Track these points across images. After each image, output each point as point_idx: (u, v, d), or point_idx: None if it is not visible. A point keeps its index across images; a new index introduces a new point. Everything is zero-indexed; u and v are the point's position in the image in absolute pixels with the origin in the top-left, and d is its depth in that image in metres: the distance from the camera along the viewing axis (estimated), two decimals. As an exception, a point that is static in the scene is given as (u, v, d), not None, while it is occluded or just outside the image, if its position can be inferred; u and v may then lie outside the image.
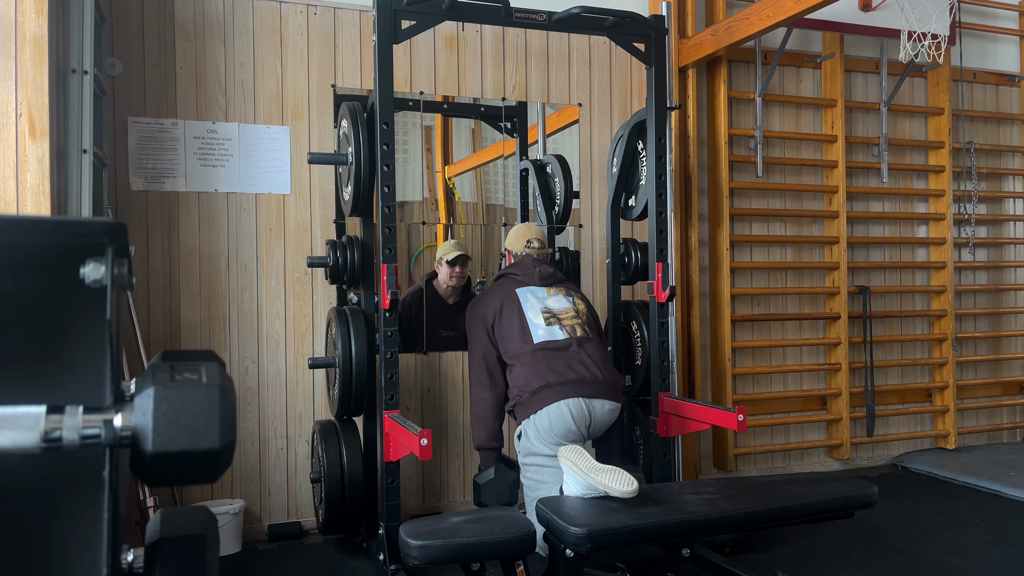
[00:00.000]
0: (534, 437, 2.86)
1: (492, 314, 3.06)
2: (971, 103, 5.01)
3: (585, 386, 2.87)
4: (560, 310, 3.06)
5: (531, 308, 3.04)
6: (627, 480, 2.27)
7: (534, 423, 2.85)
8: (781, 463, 4.49)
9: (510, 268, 3.24)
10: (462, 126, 3.88)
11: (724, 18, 4.06)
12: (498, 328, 3.03)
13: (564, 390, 2.84)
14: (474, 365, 3.08)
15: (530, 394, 2.86)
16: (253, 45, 3.54)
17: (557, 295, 3.13)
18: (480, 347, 3.06)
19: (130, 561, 0.91)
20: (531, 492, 2.89)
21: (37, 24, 2.57)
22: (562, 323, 3.02)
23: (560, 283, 3.21)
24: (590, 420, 2.87)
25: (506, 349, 3.00)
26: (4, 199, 2.55)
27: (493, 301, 3.10)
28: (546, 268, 3.20)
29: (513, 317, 3.02)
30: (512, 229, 3.38)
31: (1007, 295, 5.18)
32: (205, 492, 3.45)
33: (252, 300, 3.53)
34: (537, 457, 2.85)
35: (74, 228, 0.82)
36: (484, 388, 3.02)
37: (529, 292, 3.10)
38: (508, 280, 3.18)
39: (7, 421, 0.75)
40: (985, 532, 3.42)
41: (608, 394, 2.92)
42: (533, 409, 2.85)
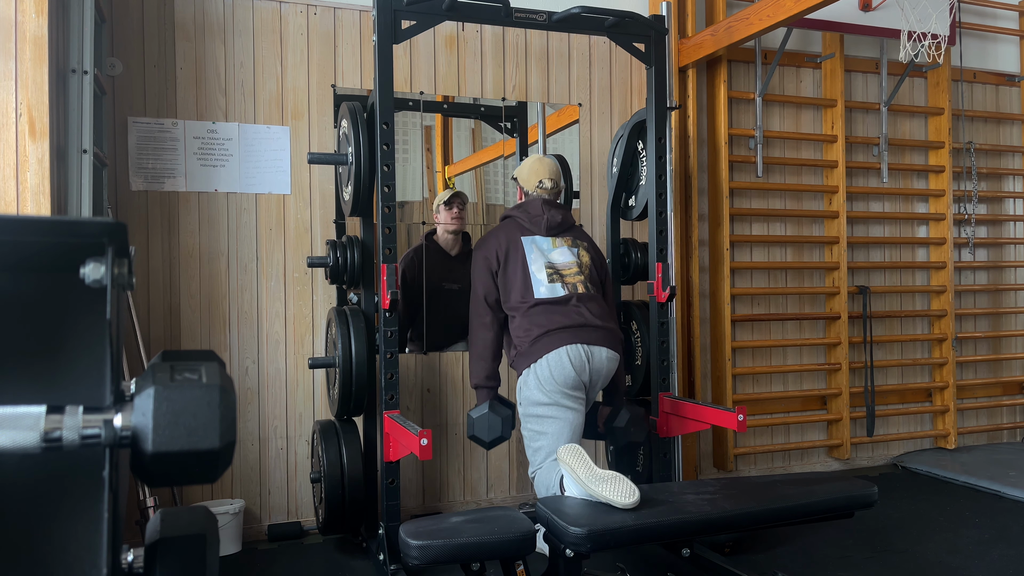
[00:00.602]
0: (534, 386, 2.86)
1: (497, 257, 3.03)
2: (971, 103, 5.01)
3: (583, 332, 2.88)
4: (563, 265, 3.04)
5: (535, 261, 3.01)
6: (628, 490, 2.24)
7: (535, 372, 2.86)
8: (781, 463, 4.49)
9: (518, 211, 3.15)
10: (462, 126, 3.88)
11: (724, 18, 4.06)
12: (502, 275, 3.02)
13: (563, 336, 2.85)
14: (476, 304, 3.06)
15: (529, 343, 2.88)
16: (253, 45, 3.54)
17: (562, 247, 3.08)
18: (483, 286, 3.03)
19: (130, 561, 0.91)
20: (532, 443, 2.89)
21: (37, 24, 2.57)
22: (564, 280, 3.00)
23: (567, 231, 3.15)
24: (589, 367, 2.88)
25: (507, 300, 3.00)
26: (4, 199, 2.55)
27: (499, 244, 3.05)
28: (554, 215, 3.12)
29: (517, 268, 3.00)
30: (526, 160, 3.27)
31: (1007, 295, 5.18)
32: (205, 492, 3.45)
33: (252, 300, 3.53)
34: (538, 407, 2.86)
35: (74, 228, 0.82)
36: (485, 327, 3.02)
37: (534, 243, 3.06)
38: (515, 225, 3.12)
39: (7, 421, 0.75)
40: (985, 532, 3.42)
41: (606, 342, 2.93)
42: (533, 358, 2.86)
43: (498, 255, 3.04)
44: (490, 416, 2.93)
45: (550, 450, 2.83)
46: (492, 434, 2.93)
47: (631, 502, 2.22)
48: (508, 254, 3.04)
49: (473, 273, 3.11)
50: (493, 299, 3.03)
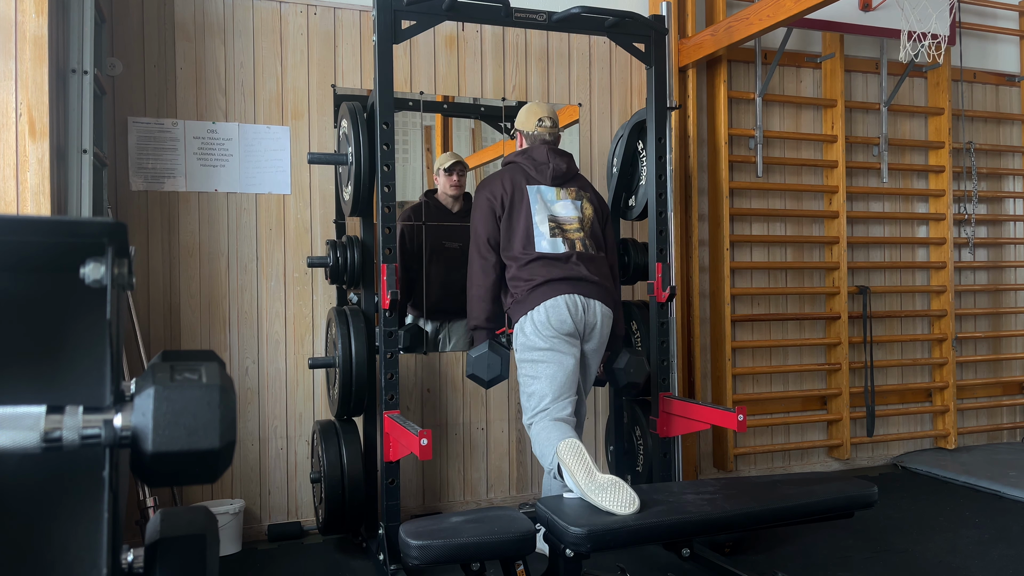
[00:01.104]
0: (531, 332, 2.87)
1: (502, 201, 3.00)
2: (971, 103, 5.01)
3: (581, 284, 2.91)
4: (566, 219, 3.02)
5: (538, 212, 2.99)
6: (628, 499, 2.24)
7: (531, 318, 2.88)
8: (781, 463, 4.49)
9: (522, 157, 3.10)
10: (462, 126, 3.88)
11: (724, 18, 4.06)
12: (505, 221, 3.00)
13: (560, 286, 2.88)
14: (477, 245, 3.02)
15: (527, 291, 2.89)
16: (253, 45, 3.54)
17: (566, 199, 3.06)
18: (485, 229, 3.01)
19: (130, 561, 0.91)
20: (526, 388, 2.89)
21: (37, 24, 2.57)
22: (566, 235, 3.00)
23: (571, 181, 3.12)
24: (584, 319, 2.90)
25: (508, 248, 2.99)
26: (4, 199, 2.55)
27: (504, 188, 3.02)
28: (559, 163, 3.08)
29: (520, 217, 2.99)
30: (522, 108, 3.26)
31: (1007, 295, 5.18)
32: (205, 492, 3.45)
33: (252, 300, 3.53)
34: (534, 351, 2.87)
35: (74, 228, 0.82)
36: (485, 270, 3.00)
37: (539, 193, 3.03)
38: (519, 170, 3.08)
39: (7, 421, 0.75)
40: (985, 532, 3.42)
41: (603, 297, 2.96)
42: (531, 305, 2.88)
43: (503, 199, 3.01)
44: (490, 355, 2.94)
45: (544, 394, 2.84)
46: (491, 373, 2.94)
47: (631, 512, 2.22)
48: (513, 201, 3.01)
49: (474, 215, 3.06)
50: (496, 241, 3.01)
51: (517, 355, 2.96)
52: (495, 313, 3.03)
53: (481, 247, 3.02)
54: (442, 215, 3.58)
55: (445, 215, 3.58)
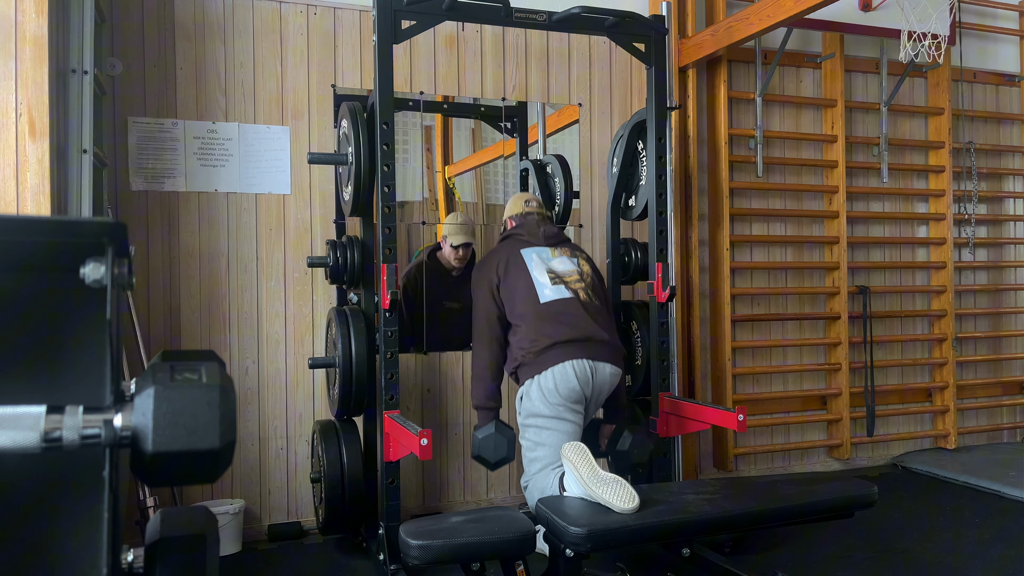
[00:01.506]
0: (537, 398, 2.85)
1: (497, 274, 3.04)
2: (971, 103, 5.01)
3: (590, 346, 2.88)
4: (565, 272, 3.05)
5: (536, 268, 3.02)
6: (628, 496, 2.24)
7: (539, 383, 2.85)
8: (781, 463, 4.49)
9: (515, 229, 3.21)
10: (462, 126, 3.88)
11: (724, 18, 4.06)
12: (503, 288, 3.02)
13: (569, 350, 2.85)
14: (477, 325, 3.06)
15: (535, 354, 2.86)
16: (253, 45, 3.54)
17: (562, 256, 3.11)
18: (484, 307, 3.04)
19: (130, 561, 0.91)
20: (529, 453, 2.89)
21: (37, 24, 2.57)
22: (567, 284, 3.01)
23: (564, 243, 3.19)
24: (592, 382, 2.88)
25: (512, 308, 2.99)
26: (4, 199, 2.55)
27: (499, 261, 3.07)
28: (550, 228, 3.19)
29: (519, 277, 3.01)
30: (509, 200, 3.38)
31: (1007, 295, 5.18)
32: (205, 492, 3.45)
33: (252, 300, 3.53)
34: (538, 418, 2.85)
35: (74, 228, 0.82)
36: (485, 348, 3.01)
37: (534, 252, 3.08)
38: (513, 240, 3.15)
39: (7, 421, 0.75)
40: (985, 532, 3.42)
41: (611, 358, 2.94)
42: (538, 369, 2.85)
43: (498, 270, 3.05)
44: (496, 436, 2.91)
45: (546, 461, 2.82)
46: (498, 455, 2.91)
47: (630, 508, 2.22)
48: (509, 266, 3.05)
49: (474, 293, 3.12)
50: (495, 317, 3.01)
51: (520, 418, 2.93)
52: (497, 391, 3.03)
53: (481, 326, 3.04)
54: (443, 276, 3.65)
55: (446, 276, 3.65)
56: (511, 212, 3.30)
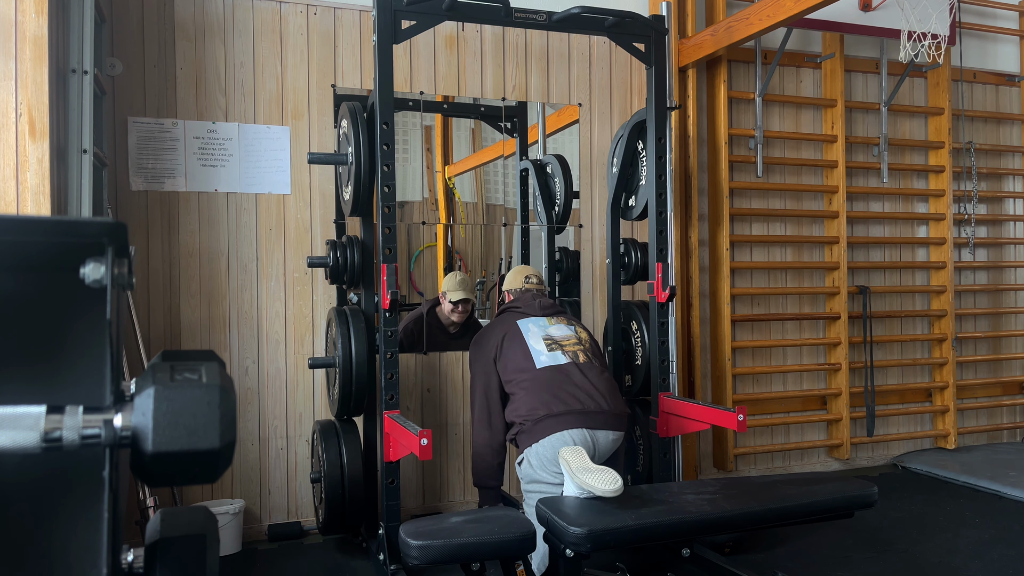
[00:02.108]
0: (536, 465, 2.80)
1: (495, 347, 3.03)
2: (971, 103, 5.01)
3: (589, 417, 2.82)
4: (562, 337, 3.05)
5: (532, 336, 3.02)
6: (611, 479, 2.28)
7: (536, 452, 2.79)
8: (781, 463, 4.49)
9: (512, 303, 3.23)
10: (462, 126, 3.88)
11: (724, 18, 4.06)
12: (500, 360, 3.00)
13: (568, 420, 2.78)
14: (476, 402, 3.05)
15: (533, 423, 2.80)
16: (253, 45, 3.54)
17: (558, 324, 3.12)
18: (482, 383, 3.02)
19: (130, 561, 0.91)
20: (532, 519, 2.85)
21: (37, 24, 2.57)
22: (564, 349, 3.00)
23: (560, 313, 3.21)
24: (594, 449, 2.83)
25: (508, 376, 2.96)
26: (4, 199, 2.55)
27: (496, 335, 3.07)
28: (546, 300, 3.22)
29: (516, 346, 3.00)
30: (509, 272, 3.39)
31: (1007, 295, 5.18)
32: (205, 492, 3.45)
33: (252, 300, 3.53)
34: (539, 484, 2.80)
35: (74, 228, 0.82)
36: (484, 426, 2.99)
37: (531, 322, 3.08)
38: (510, 313, 3.17)
39: (7, 421, 0.75)
40: (985, 532, 3.42)
41: (612, 424, 2.87)
42: (536, 438, 2.79)
43: (496, 343, 3.04)
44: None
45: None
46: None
47: (612, 489, 2.26)
48: (505, 338, 3.04)
49: (472, 368, 3.11)
50: (495, 396, 2.99)
51: (523, 484, 2.89)
52: (496, 470, 3.01)
53: (479, 404, 3.03)
54: (441, 333, 3.71)
55: (443, 333, 3.71)
56: (510, 286, 3.31)
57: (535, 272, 3.35)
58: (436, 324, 3.68)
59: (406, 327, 3.65)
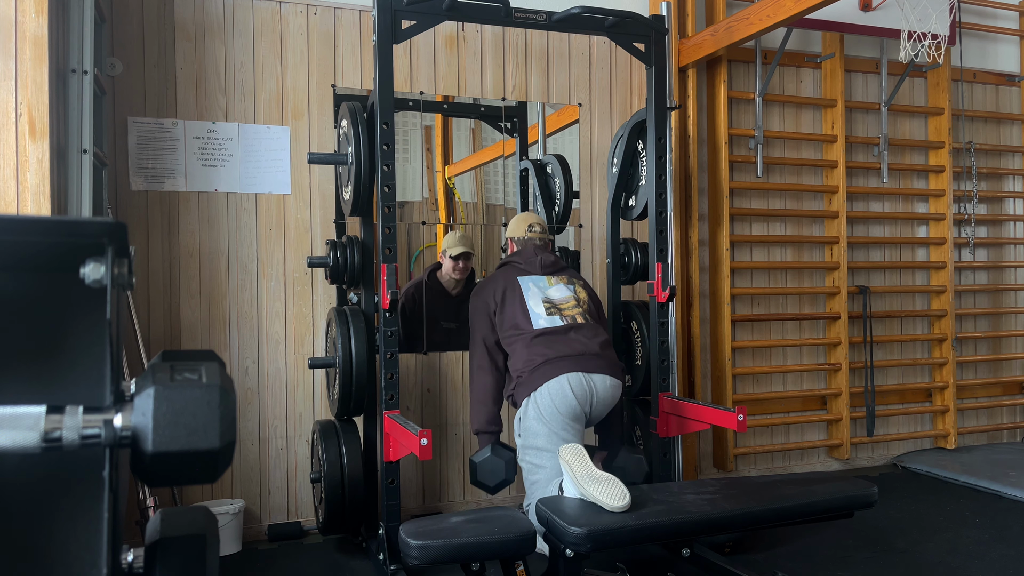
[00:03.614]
0: (534, 416, 2.84)
1: (495, 300, 3.08)
2: (971, 103, 5.01)
3: (584, 360, 2.88)
4: (561, 300, 3.08)
5: (532, 297, 3.06)
6: (619, 494, 2.24)
7: (535, 400, 2.85)
8: (781, 463, 4.49)
9: (513, 256, 3.25)
10: (462, 126, 3.88)
11: (724, 18, 4.06)
12: (499, 315, 3.05)
13: (564, 364, 2.85)
14: (475, 349, 3.09)
15: (530, 372, 2.88)
16: (253, 45, 3.54)
17: (558, 284, 3.14)
18: (481, 332, 3.07)
19: (130, 561, 0.91)
20: (530, 476, 2.89)
21: (37, 24, 2.57)
22: (562, 312, 3.04)
23: (561, 271, 3.22)
24: (591, 397, 2.87)
25: (506, 334, 3.02)
26: (4, 199, 2.55)
27: (496, 288, 3.11)
28: (548, 256, 3.22)
29: (515, 305, 3.04)
30: (513, 219, 3.40)
31: (1007, 295, 5.18)
32: (205, 492, 3.45)
33: (252, 300, 3.53)
34: (537, 438, 2.85)
35: (74, 228, 0.82)
36: (484, 372, 3.03)
37: (531, 281, 3.11)
38: (511, 268, 3.19)
39: (7, 421, 0.75)
40: (985, 532, 3.42)
41: (608, 370, 2.94)
42: (533, 386, 2.85)
43: (495, 296, 3.08)
44: (493, 460, 2.91)
45: (544, 487, 2.82)
46: (496, 478, 2.91)
47: (621, 505, 2.22)
48: (505, 294, 3.08)
49: (472, 319, 3.14)
50: (492, 342, 3.05)
51: (519, 440, 2.93)
52: (496, 416, 3.03)
53: (479, 351, 3.06)
54: (442, 296, 3.67)
55: (445, 297, 3.67)
56: (514, 233, 3.32)
57: (539, 221, 3.33)
58: (437, 288, 3.63)
59: (406, 292, 3.60)
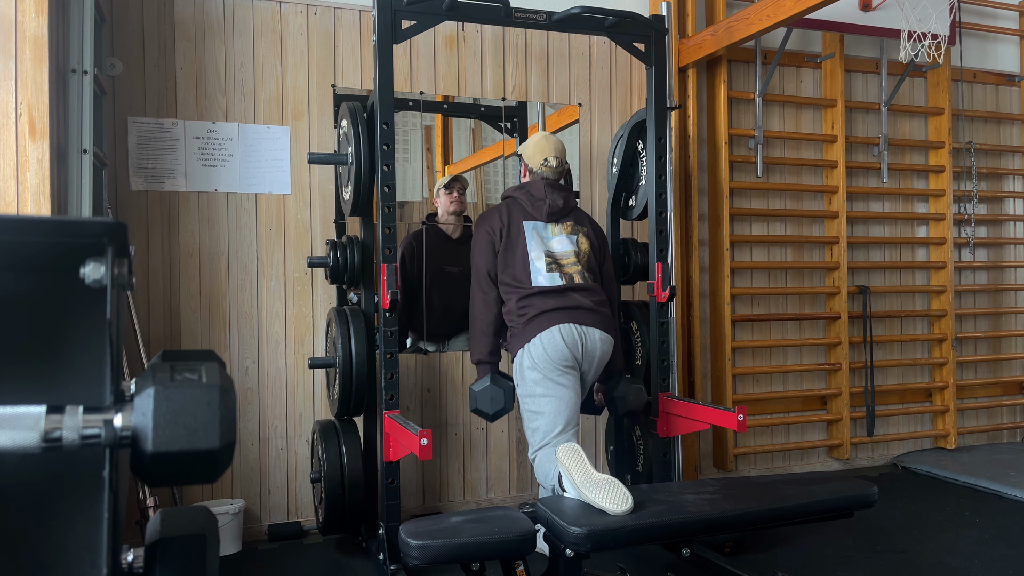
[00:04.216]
0: (528, 365, 2.88)
1: (500, 233, 3.03)
2: (971, 103, 5.01)
3: (577, 313, 2.92)
4: (562, 254, 3.05)
5: (534, 248, 3.02)
6: (622, 498, 2.23)
7: (528, 351, 2.88)
8: (781, 463, 4.49)
9: (520, 192, 3.13)
10: (462, 126, 3.88)
11: (724, 18, 4.06)
12: (502, 255, 3.02)
13: (556, 316, 2.89)
14: (478, 279, 3.05)
15: (523, 324, 2.91)
16: (253, 45, 3.54)
17: (561, 235, 3.08)
18: (485, 261, 3.03)
19: (130, 561, 0.91)
20: (530, 424, 2.91)
21: (37, 24, 2.57)
22: (562, 269, 3.02)
23: (567, 215, 3.13)
24: (582, 345, 2.91)
25: (503, 280, 3.01)
26: (4, 199, 2.55)
27: (502, 221, 3.05)
28: (556, 199, 3.09)
29: (516, 253, 3.01)
30: (532, 137, 3.22)
31: (1007, 295, 5.18)
32: (205, 492, 3.45)
33: (252, 300, 3.53)
34: (535, 387, 2.88)
35: (74, 228, 0.82)
36: (487, 303, 3.01)
37: (535, 229, 3.06)
38: (516, 205, 3.11)
39: (7, 421, 0.75)
40: (985, 532, 3.42)
41: (600, 324, 2.96)
42: (527, 338, 2.89)
43: (501, 232, 3.04)
44: (492, 388, 2.94)
45: (547, 430, 2.85)
46: (495, 406, 2.94)
47: (623, 510, 2.21)
48: (510, 234, 3.03)
49: (474, 248, 3.09)
50: (495, 275, 3.03)
51: (518, 390, 2.96)
52: (497, 347, 3.04)
53: (482, 281, 3.04)
54: (442, 240, 3.61)
55: (445, 240, 3.61)
56: (529, 160, 3.16)
57: (556, 152, 3.14)
58: (436, 232, 3.59)
59: (404, 242, 3.52)
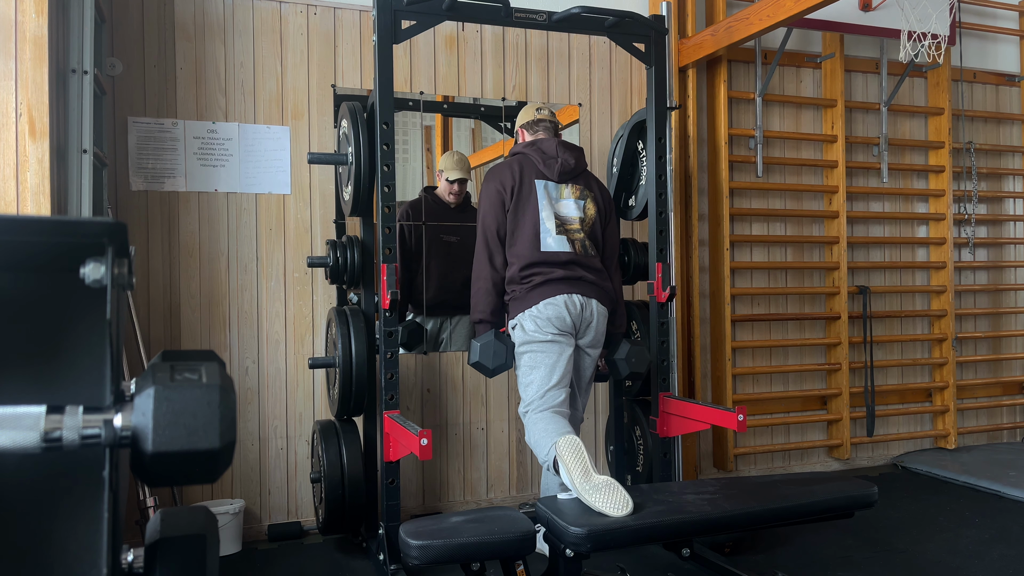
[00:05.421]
0: (530, 327, 2.92)
1: (512, 191, 3.01)
2: (971, 103, 5.01)
3: (579, 284, 2.97)
4: (568, 219, 3.05)
5: (545, 208, 3.01)
6: (622, 501, 2.23)
7: (531, 315, 2.92)
8: (781, 463, 4.49)
9: (531, 148, 3.10)
10: (462, 126, 3.88)
11: (724, 18, 4.06)
12: (512, 214, 3.00)
13: (560, 286, 2.93)
14: (484, 235, 3.02)
15: (527, 290, 2.94)
16: (253, 45, 3.54)
17: (569, 199, 3.07)
18: (494, 218, 3.00)
19: (130, 561, 0.91)
20: (524, 378, 2.94)
21: (37, 24, 2.57)
22: (570, 235, 3.03)
23: (578, 177, 3.12)
24: (582, 316, 2.97)
25: (512, 244, 2.99)
26: (4, 199, 2.55)
27: (514, 178, 3.02)
28: (568, 159, 3.07)
29: (528, 213, 2.99)
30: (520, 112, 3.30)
31: (1007, 295, 5.18)
32: (205, 492, 3.45)
33: (252, 300, 3.53)
34: (533, 344, 2.92)
35: (74, 228, 0.82)
36: (492, 264, 3.01)
37: (546, 189, 3.04)
38: (529, 162, 3.07)
39: (7, 421, 0.75)
40: (985, 532, 3.42)
41: (601, 298, 3.02)
42: (530, 303, 2.93)
43: (513, 190, 3.01)
44: (496, 343, 2.95)
45: (542, 383, 2.88)
46: (496, 361, 2.95)
47: (624, 514, 2.21)
48: (521, 193, 3.01)
49: (482, 205, 3.05)
50: (503, 234, 3.01)
51: (517, 348, 2.98)
52: (500, 307, 3.04)
53: (489, 239, 3.01)
54: (441, 211, 3.63)
55: (444, 210, 3.63)
56: (523, 120, 3.23)
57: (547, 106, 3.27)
58: (435, 200, 3.61)
59: (402, 210, 3.53)
